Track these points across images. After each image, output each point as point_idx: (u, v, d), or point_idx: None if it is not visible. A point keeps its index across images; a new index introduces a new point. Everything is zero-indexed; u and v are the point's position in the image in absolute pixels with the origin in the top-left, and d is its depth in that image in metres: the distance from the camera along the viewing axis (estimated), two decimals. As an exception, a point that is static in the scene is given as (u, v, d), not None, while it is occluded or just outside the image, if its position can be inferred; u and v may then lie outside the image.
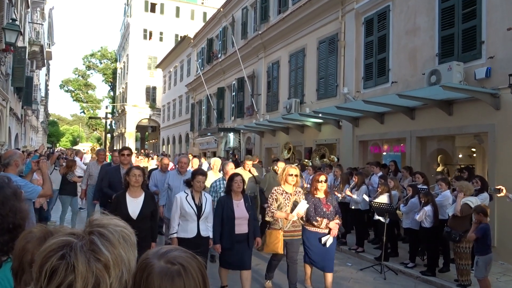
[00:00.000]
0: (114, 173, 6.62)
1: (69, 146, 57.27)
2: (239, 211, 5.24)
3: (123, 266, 0.97)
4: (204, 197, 5.28)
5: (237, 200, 5.31)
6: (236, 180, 5.28)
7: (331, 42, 13.56)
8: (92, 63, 54.69)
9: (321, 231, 5.57)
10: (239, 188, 5.29)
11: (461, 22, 8.85)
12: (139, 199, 4.86)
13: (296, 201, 5.54)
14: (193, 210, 5.08)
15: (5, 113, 15.34)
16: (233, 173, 5.63)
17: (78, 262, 0.91)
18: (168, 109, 37.21)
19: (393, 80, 10.72)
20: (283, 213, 5.47)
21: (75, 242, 0.95)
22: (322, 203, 5.61)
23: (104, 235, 0.98)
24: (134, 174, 4.82)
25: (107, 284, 0.93)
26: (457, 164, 10.64)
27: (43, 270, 0.92)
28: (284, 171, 5.69)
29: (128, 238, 1.02)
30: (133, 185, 4.81)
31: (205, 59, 26.48)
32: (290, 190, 5.64)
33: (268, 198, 5.76)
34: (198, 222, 5.11)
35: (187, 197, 5.15)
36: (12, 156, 4.30)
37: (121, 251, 0.97)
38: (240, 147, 20.70)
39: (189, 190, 5.21)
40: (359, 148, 12.34)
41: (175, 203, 5.16)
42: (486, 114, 8.26)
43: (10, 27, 12.01)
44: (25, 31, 18.93)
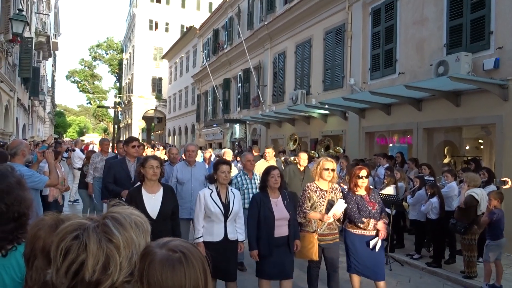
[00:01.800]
0: (120, 167, 5.81)
1: (75, 137, 57.55)
2: (279, 211, 4.51)
3: (134, 248, 1.02)
4: (231, 193, 4.56)
5: (275, 198, 4.58)
6: (273, 175, 4.54)
7: (337, 33, 13.46)
8: (98, 54, 54.74)
9: (368, 234, 4.79)
10: (276, 184, 4.55)
11: (470, 12, 8.75)
12: (158, 194, 4.22)
13: (332, 200, 4.86)
14: (220, 209, 4.36)
15: (13, 104, 15.44)
16: (269, 166, 4.84)
17: (90, 241, 0.98)
18: (174, 100, 37.24)
19: (400, 71, 10.65)
20: (318, 214, 4.76)
21: (88, 224, 1.02)
22: (365, 201, 4.84)
23: (117, 219, 1.04)
24: (151, 166, 4.15)
25: (117, 263, 0.98)
26: (464, 156, 10.59)
27: (59, 249, 1.00)
28: (318, 165, 4.93)
29: (141, 224, 1.07)
30: (150, 178, 4.16)
31: (211, 50, 26.42)
32: (325, 186, 4.92)
33: (301, 196, 4.99)
34: (225, 223, 4.41)
35: (211, 194, 4.43)
36: (19, 146, 4.33)
37: (133, 235, 1.03)
38: (246, 138, 20.71)
39: (214, 185, 4.49)
40: (365, 140, 12.30)
41: (198, 201, 4.45)
42: (494, 105, 8.19)
43: (17, 17, 12.04)
44: (31, 21, 18.97)
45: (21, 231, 1.72)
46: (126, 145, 6.04)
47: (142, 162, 4.21)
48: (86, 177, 8.61)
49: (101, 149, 8.55)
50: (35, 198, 4.13)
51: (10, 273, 1.66)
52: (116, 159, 6.67)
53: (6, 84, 13.52)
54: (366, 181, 4.90)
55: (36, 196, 4.30)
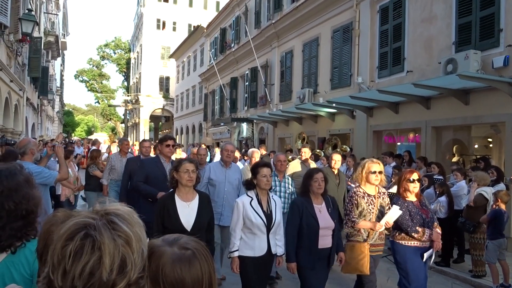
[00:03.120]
0: (155, 166, 5.29)
1: (84, 136, 57.96)
2: (323, 219, 4.03)
3: (142, 243, 1.00)
4: (273, 200, 4.08)
5: (318, 204, 4.10)
6: (317, 178, 4.05)
7: (345, 31, 13.42)
8: (106, 53, 55.00)
9: (422, 245, 4.26)
10: (320, 189, 4.06)
11: (479, 9, 8.67)
12: (193, 203, 3.74)
13: (382, 206, 4.40)
14: (262, 220, 3.88)
15: (22, 103, 15.58)
16: (312, 169, 4.38)
17: (104, 239, 0.92)
18: (181, 99, 37.33)
19: (409, 69, 10.59)
20: (368, 222, 4.27)
21: (95, 221, 0.96)
22: (418, 208, 4.33)
23: (120, 215, 1.00)
24: (186, 170, 3.65)
25: (132, 260, 0.95)
26: (473, 155, 10.51)
27: (66, 251, 0.92)
28: (363, 167, 4.44)
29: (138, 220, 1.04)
30: (185, 184, 3.67)
31: (218, 48, 26.44)
32: (373, 191, 4.44)
33: (347, 203, 4.49)
34: (267, 235, 3.93)
35: (252, 202, 3.94)
36: (27, 144, 4.39)
37: (137, 230, 1.00)
38: (253, 137, 20.72)
39: (253, 192, 4.01)
40: (373, 138, 12.25)
41: (236, 210, 3.96)
42: (504, 103, 8.12)
43: (26, 17, 12.14)
44: (40, 21, 19.12)
45: (29, 229, 1.74)
46: (160, 143, 5.53)
47: (176, 165, 3.76)
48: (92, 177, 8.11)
49: (121, 149, 7.90)
50: (45, 195, 4.18)
51: (19, 270, 1.69)
52: (149, 158, 6.17)
53: (16, 84, 13.64)
54: (418, 186, 4.39)
55: (46, 192, 4.34)
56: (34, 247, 1.55)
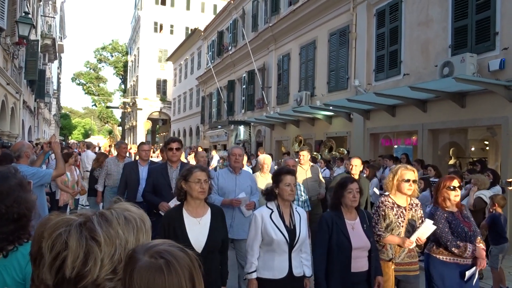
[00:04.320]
0: (160, 173, 4.81)
1: (81, 139, 57.81)
2: (357, 238, 3.43)
3: (118, 245, 1.01)
4: (297, 213, 3.47)
5: (351, 220, 3.51)
6: (351, 189, 3.47)
7: (342, 34, 13.46)
8: (103, 56, 54.97)
9: (462, 262, 3.72)
10: (355, 202, 3.49)
11: (475, 13, 8.72)
12: (204, 219, 3.12)
13: (413, 219, 3.85)
14: (284, 236, 3.27)
15: (19, 106, 15.53)
16: (345, 178, 3.76)
17: (70, 238, 0.99)
18: (178, 102, 37.32)
19: (405, 72, 10.62)
20: (396, 237, 3.74)
21: (74, 220, 1.02)
22: (459, 220, 3.80)
23: (104, 214, 1.04)
24: (197, 179, 3.04)
25: (97, 259, 0.98)
26: (470, 157, 10.55)
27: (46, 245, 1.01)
28: (395, 174, 3.87)
29: (132, 220, 1.06)
30: (196, 196, 3.06)
31: (215, 51, 26.47)
32: (404, 202, 3.86)
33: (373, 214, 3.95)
34: (290, 254, 3.30)
35: (272, 215, 3.35)
36: (22, 148, 4.40)
37: (119, 231, 1.02)
38: (251, 140, 20.72)
39: (274, 203, 3.42)
40: (370, 141, 12.28)
41: (253, 224, 3.39)
42: (500, 106, 8.16)
43: (23, 20, 12.11)
44: (37, 24, 19.09)
45: (22, 232, 1.73)
46: (164, 147, 5.06)
47: (185, 174, 3.12)
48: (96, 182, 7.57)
49: (118, 153, 7.38)
50: (40, 197, 4.17)
51: (11, 274, 1.68)
52: (157, 165, 5.54)
53: (12, 87, 13.61)
54: (459, 194, 3.87)
55: (41, 194, 4.33)
56: (27, 250, 1.54)
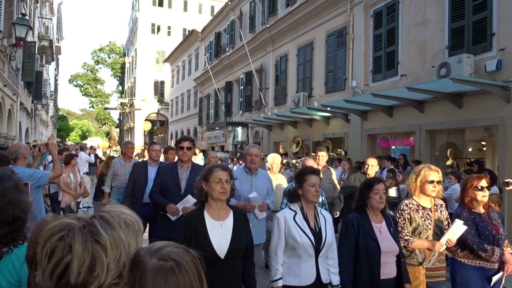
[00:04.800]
0: (169, 173, 4.54)
1: (78, 140, 57.72)
2: (386, 242, 3.24)
3: (122, 249, 0.98)
4: (321, 215, 3.27)
5: (378, 223, 3.33)
6: (378, 190, 3.29)
7: (339, 35, 13.48)
8: (101, 58, 54.96)
9: (489, 266, 3.57)
10: (381, 203, 3.31)
11: (472, 14, 8.75)
12: (227, 222, 2.88)
13: (440, 220, 3.67)
14: (309, 239, 3.07)
15: (16, 108, 15.49)
16: (372, 179, 3.61)
17: (75, 242, 0.95)
18: (176, 104, 37.30)
19: (402, 73, 10.64)
20: (425, 241, 3.53)
21: (75, 224, 0.98)
22: (486, 222, 3.63)
23: (104, 218, 1.01)
24: (219, 179, 2.82)
25: (104, 264, 0.95)
26: (467, 158, 10.57)
27: (43, 250, 0.96)
28: (417, 175, 3.69)
29: (131, 224, 1.03)
30: (218, 198, 2.84)
31: (213, 53, 26.47)
32: (428, 203, 3.70)
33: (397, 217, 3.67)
34: (316, 258, 3.10)
35: (295, 217, 3.15)
36: (19, 149, 4.39)
37: (121, 234, 0.99)
38: (248, 141, 20.72)
39: (297, 205, 3.22)
40: (367, 142, 12.29)
41: (276, 228, 3.18)
42: (497, 107, 8.18)
43: (20, 22, 12.08)
44: (34, 26, 19.07)
45: (17, 234, 1.71)
46: (175, 146, 4.77)
47: (205, 174, 2.92)
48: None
49: (125, 153, 7.15)
50: (37, 198, 4.17)
51: (6, 276, 1.67)
52: (168, 164, 5.41)
53: (9, 88, 13.58)
54: (487, 195, 3.69)
55: (38, 196, 4.33)
56: (22, 253, 1.53)
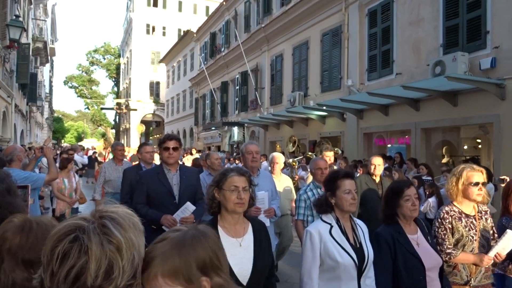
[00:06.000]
0: (156, 179, 3.88)
1: (74, 142, 57.52)
2: (427, 255, 2.74)
3: (134, 250, 0.97)
4: (359, 227, 2.70)
5: (412, 234, 2.81)
6: (409, 196, 2.78)
7: (334, 34, 13.50)
8: (96, 59, 54.75)
9: None
10: (415, 211, 2.79)
11: (466, 12, 8.78)
12: (246, 239, 2.31)
13: (485, 230, 3.12)
14: (351, 258, 2.51)
15: (10, 110, 15.42)
16: (400, 182, 3.04)
17: (92, 244, 0.91)
18: (172, 104, 37.26)
19: (398, 72, 10.67)
20: (471, 255, 3.00)
21: (87, 225, 0.95)
22: None
23: (115, 219, 0.98)
24: (234, 186, 2.26)
25: (120, 266, 0.93)
26: (462, 155, 10.61)
27: (54, 253, 0.91)
28: (460, 177, 3.11)
29: (137, 224, 1.03)
30: (233, 210, 2.26)
31: (208, 53, 26.45)
32: (472, 210, 3.15)
33: (437, 227, 3.13)
34: (359, 281, 2.53)
35: (332, 231, 2.58)
36: (14, 152, 4.38)
37: (132, 236, 0.98)
38: (244, 141, 20.71)
39: (331, 216, 2.64)
40: (363, 141, 12.32)
41: (308, 245, 2.57)
42: (492, 104, 8.22)
43: (13, 23, 12.04)
44: (28, 27, 18.98)
45: None
46: (159, 146, 4.05)
47: (218, 179, 2.35)
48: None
49: (115, 156, 6.61)
50: (34, 199, 4.18)
51: None
52: (149, 169, 4.74)
53: (4, 90, 13.51)
54: None
55: (34, 196, 4.33)
56: None
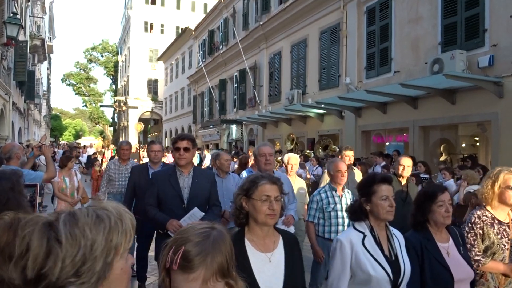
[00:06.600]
0: (167, 181, 3.68)
1: (72, 140, 57.43)
2: (457, 266, 2.54)
3: (83, 246, 0.96)
4: (395, 237, 2.44)
5: (443, 242, 2.62)
6: (443, 201, 2.58)
7: (333, 32, 13.49)
8: (94, 57, 54.61)
9: None
10: (448, 218, 2.59)
11: (464, 10, 8.79)
12: (277, 254, 2.08)
13: None
14: (385, 272, 2.27)
15: (8, 107, 15.38)
16: (433, 186, 2.85)
17: (33, 237, 0.95)
18: (170, 102, 37.22)
19: (396, 70, 10.68)
20: (501, 264, 2.81)
21: (43, 220, 0.98)
22: None
23: (73, 213, 1.00)
24: (266, 196, 2.02)
25: (57, 259, 0.94)
26: (460, 153, 10.63)
27: (15, 245, 0.97)
28: (496, 180, 2.89)
29: (106, 220, 1.01)
30: (264, 222, 2.02)
31: (206, 51, 26.41)
32: (506, 217, 2.93)
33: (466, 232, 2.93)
34: None
35: (364, 241, 2.34)
36: (12, 149, 4.36)
37: (86, 230, 0.97)
38: (243, 138, 20.71)
39: (365, 224, 2.41)
40: (362, 138, 12.33)
41: (338, 255, 2.36)
42: (489, 102, 8.23)
43: (11, 20, 11.99)
44: (26, 24, 18.91)
45: None
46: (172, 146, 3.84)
47: (247, 187, 2.09)
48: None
49: (120, 155, 6.43)
50: None
51: None
52: (163, 169, 4.44)
53: (1, 88, 13.47)
54: None
55: None
56: None
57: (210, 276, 1.19)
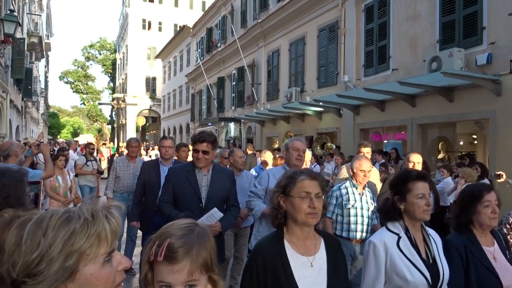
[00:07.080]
0: (185, 177, 3.49)
1: (70, 137, 57.29)
2: (505, 272, 2.36)
3: (39, 248, 0.95)
4: (432, 238, 2.30)
5: (489, 246, 2.45)
6: (489, 202, 2.42)
7: (331, 30, 13.48)
8: (91, 54, 54.41)
9: None
10: (494, 220, 2.44)
11: (462, 8, 8.79)
12: (319, 258, 1.91)
13: None
14: (423, 276, 2.12)
15: (6, 105, 15.33)
16: (479, 186, 2.61)
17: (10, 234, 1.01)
18: (168, 100, 37.18)
19: (394, 68, 10.68)
20: None
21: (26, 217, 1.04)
22: None
23: (40, 215, 1.02)
24: (306, 193, 1.87)
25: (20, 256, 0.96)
26: (458, 151, 10.65)
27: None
28: None
29: (75, 222, 0.99)
30: (304, 222, 1.87)
31: (204, 48, 26.37)
32: None
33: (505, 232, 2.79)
34: None
35: (399, 243, 2.20)
36: (11, 147, 4.34)
37: (49, 232, 0.96)
38: (241, 136, 20.71)
39: (399, 225, 2.26)
40: (360, 136, 12.33)
41: (371, 258, 2.22)
42: (487, 100, 8.24)
43: (8, 18, 11.95)
44: (23, 22, 18.85)
45: None
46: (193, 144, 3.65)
47: (285, 184, 1.95)
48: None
49: (128, 152, 6.30)
50: None
51: None
52: (180, 166, 3.96)
53: (-1, 86, 13.43)
54: None
55: None
56: None
57: (196, 269, 1.20)
